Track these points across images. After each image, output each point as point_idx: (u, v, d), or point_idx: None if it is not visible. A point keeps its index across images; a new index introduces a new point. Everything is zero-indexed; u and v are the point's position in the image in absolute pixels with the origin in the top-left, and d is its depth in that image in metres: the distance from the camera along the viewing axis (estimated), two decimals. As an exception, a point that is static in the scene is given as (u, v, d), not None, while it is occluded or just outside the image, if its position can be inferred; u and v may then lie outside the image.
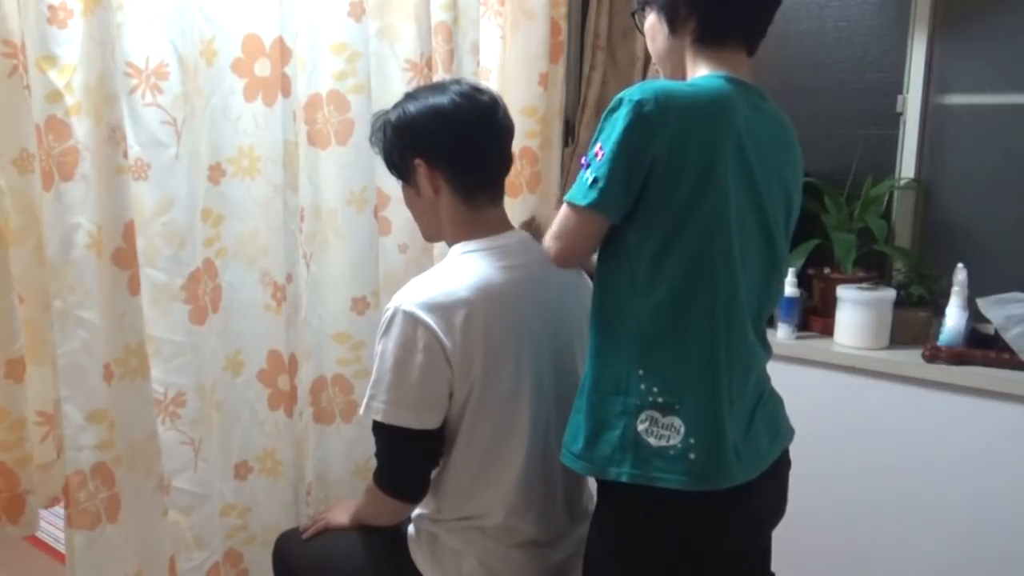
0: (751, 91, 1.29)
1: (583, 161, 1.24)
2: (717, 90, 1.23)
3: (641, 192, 1.19)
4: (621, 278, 1.25)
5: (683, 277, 1.20)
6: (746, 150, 1.22)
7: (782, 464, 1.38)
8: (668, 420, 1.22)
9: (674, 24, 1.31)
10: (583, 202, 1.21)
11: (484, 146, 1.47)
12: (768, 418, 1.35)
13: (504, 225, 1.51)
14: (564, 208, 1.26)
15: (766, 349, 1.36)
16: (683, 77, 1.32)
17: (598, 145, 1.21)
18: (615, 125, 1.18)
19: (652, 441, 1.22)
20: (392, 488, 1.47)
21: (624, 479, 1.23)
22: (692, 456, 1.21)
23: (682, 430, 1.21)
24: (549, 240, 1.29)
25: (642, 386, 1.23)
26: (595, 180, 1.20)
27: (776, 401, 1.40)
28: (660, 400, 1.22)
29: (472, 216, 1.47)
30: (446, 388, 1.39)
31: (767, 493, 1.34)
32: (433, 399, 1.39)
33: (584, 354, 1.45)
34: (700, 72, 1.29)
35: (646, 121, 1.16)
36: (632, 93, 1.18)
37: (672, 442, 1.21)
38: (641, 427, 1.23)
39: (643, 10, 1.37)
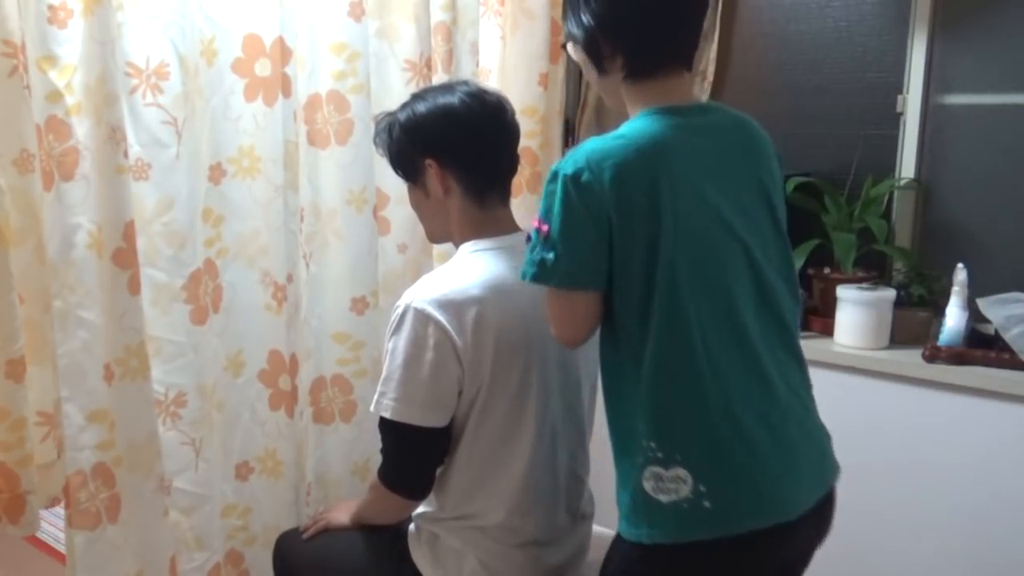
0: (689, 112, 1.25)
1: (533, 228, 1.22)
2: (646, 134, 1.19)
3: (610, 255, 1.18)
4: (617, 339, 1.22)
5: (661, 328, 1.17)
6: (693, 179, 1.19)
7: (829, 499, 1.30)
8: (673, 473, 1.17)
9: (601, 64, 1.27)
10: (554, 282, 1.20)
11: (495, 145, 1.47)
12: (812, 452, 1.27)
13: (512, 225, 1.51)
14: (548, 294, 1.24)
15: (794, 360, 1.28)
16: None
17: (541, 221, 1.19)
18: (558, 201, 1.16)
19: (663, 499, 1.18)
20: (397, 485, 1.47)
21: (644, 541, 1.20)
22: (707, 504, 1.16)
23: (689, 480, 1.16)
24: (551, 328, 1.28)
25: (643, 442, 1.19)
26: (556, 260, 1.18)
27: (822, 434, 1.31)
28: (660, 455, 1.18)
29: (482, 216, 1.47)
30: (456, 386, 1.39)
31: (809, 528, 1.26)
32: (442, 397, 1.39)
33: (588, 358, 1.45)
34: (635, 108, 1.26)
35: (587, 190, 1.15)
36: (565, 165, 1.17)
37: (682, 495, 1.16)
38: (648, 485, 1.19)
39: (572, 44, 1.32)
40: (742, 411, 1.18)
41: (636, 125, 1.22)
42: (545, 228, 1.19)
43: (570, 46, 1.32)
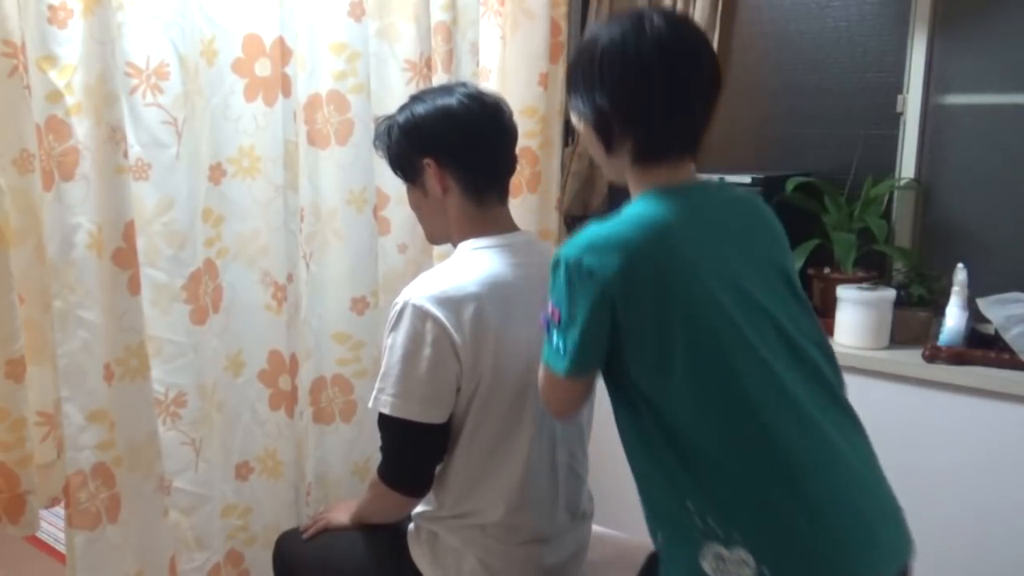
0: (692, 192, 1.24)
1: (543, 319, 1.22)
2: (649, 215, 1.18)
3: (619, 339, 1.16)
4: (641, 417, 1.18)
5: (704, 401, 1.13)
6: (703, 256, 1.17)
7: None
8: (735, 554, 1.10)
9: (610, 144, 1.24)
10: (561, 372, 1.19)
11: (494, 145, 1.48)
12: (885, 526, 1.17)
13: (510, 224, 1.52)
14: (545, 371, 1.24)
15: (854, 426, 1.22)
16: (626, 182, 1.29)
17: (553, 308, 1.19)
18: (563, 288, 1.16)
19: None
20: (396, 482, 1.47)
21: None
22: None
23: (752, 562, 1.09)
24: (542, 397, 1.28)
25: (696, 520, 1.13)
26: (564, 348, 1.18)
27: (893, 505, 1.21)
28: (720, 533, 1.11)
29: (480, 214, 1.47)
30: (454, 382, 1.39)
31: None
32: (441, 393, 1.39)
33: None
34: (639, 188, 1.24)
35: (591, 276, 1.13)
36: (568, 251, 1.16)
37: None
38: (707, 566, 1.12)
39: (577, 117, 1.29)
40: (806, 484, 1.12)
41: (639, 207, 1.20)
42: (555, 315, 1.19)
43: (575, 117, 1.29)
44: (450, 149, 1.45)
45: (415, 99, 1.50)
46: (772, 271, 1.25)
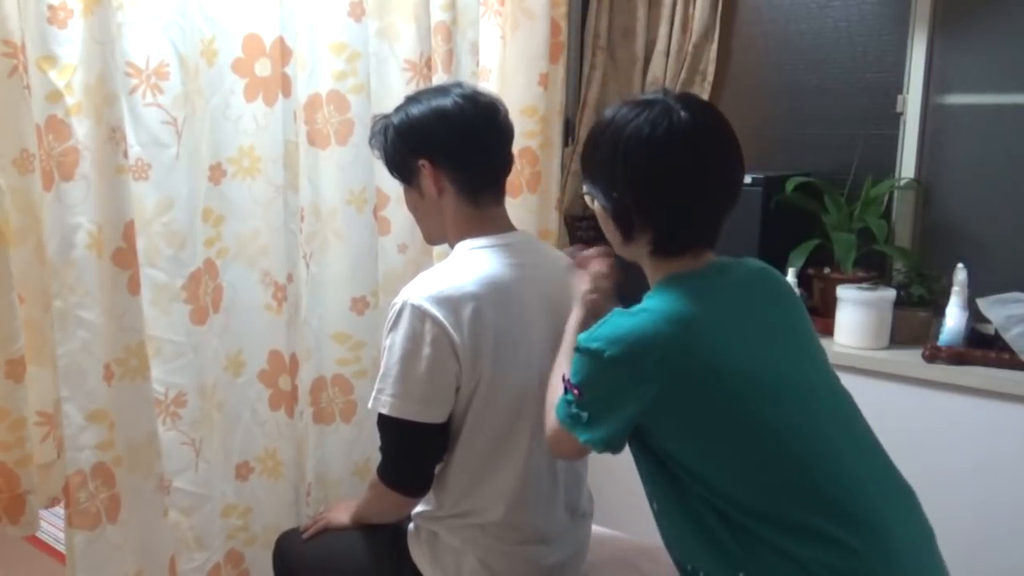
0: (708, 274, 1.24)
1: (564, 379, 1.23)
2: (670, 305, 1.17)
3: (651, 421, 1.16)
4: (679, 488, 1.18)
5: (745, 479, 1.14)
6: (727, 338, 1.17)
7: None
8: None
9: (629, 235, 1.24)
10: (579, 438, 1.20)
11: (489, 145, 1.48)
12: None
13: (507, 224, 1.51)
14: (559, 425, 1.24)
15: (884, 464, 1.25)
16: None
17: (575, 386, 1.19)
18: (586, 374, 1.18)
19: None
20: (396, 482, 1.47)
21: None
22: None
23: None
24: (548, 442, 1.31)
25: None
26: (586, 423, 1.19)
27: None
28: None
29: (476, 214, 1.47)
30: (453, 382, 1.39)
31: None
32: (440, 393, 1.39)
33: None
34: (657, 275, 1.25)
35: (615, 367, 1.14)
36: (589, 341, 1.17)
37: None
38: None
39: (591, 200, 1.29)
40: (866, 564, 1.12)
41: (659, 297, 1.20)
42: (576, 393, 1.19)
43: (589, 199, 1.29)
44: (445, 150, 1.45)
45: (410, 100, 1.50)
46: (797, 336, 1.26)
